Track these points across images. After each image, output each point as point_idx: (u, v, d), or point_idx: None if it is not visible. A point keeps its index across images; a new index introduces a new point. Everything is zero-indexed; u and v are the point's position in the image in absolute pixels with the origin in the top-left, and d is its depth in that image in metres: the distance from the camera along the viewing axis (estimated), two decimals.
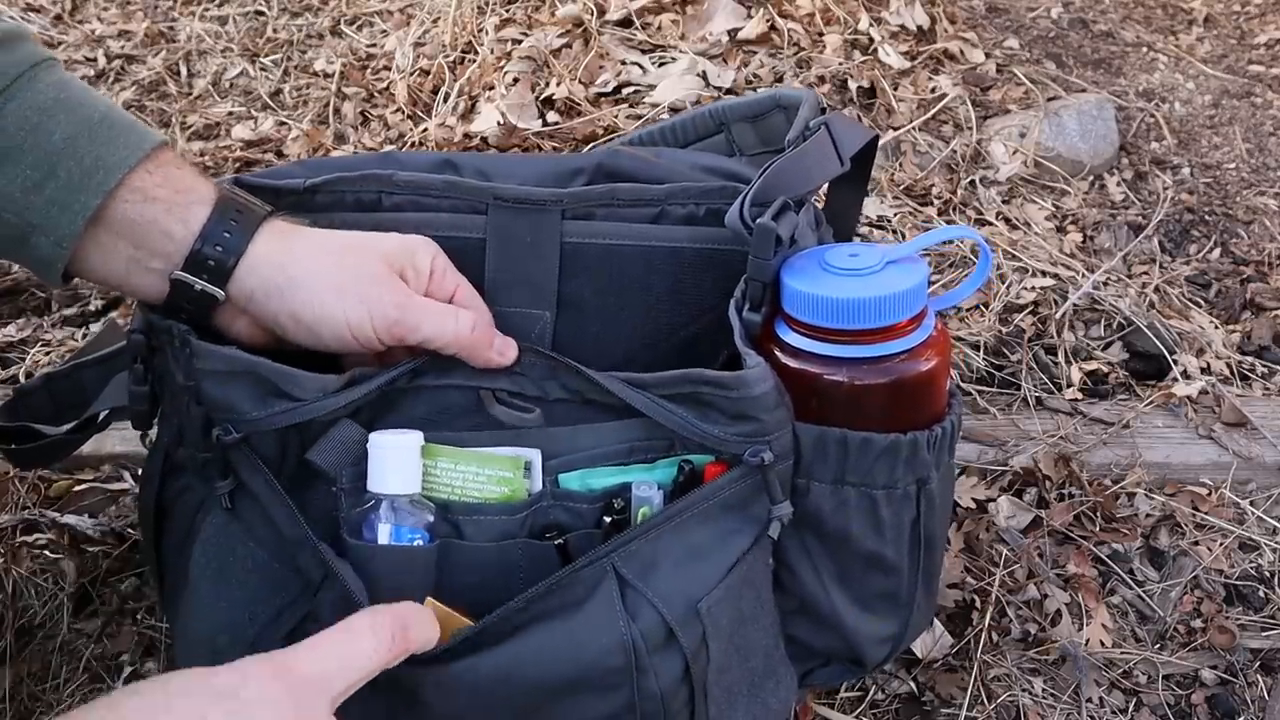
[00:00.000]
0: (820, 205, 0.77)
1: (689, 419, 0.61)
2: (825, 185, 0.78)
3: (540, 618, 0.60)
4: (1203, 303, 1.28)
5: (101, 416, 0.75)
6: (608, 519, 0.64)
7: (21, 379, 1.08)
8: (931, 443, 0.65)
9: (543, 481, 0.64)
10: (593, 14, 1.44)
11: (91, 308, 1.20)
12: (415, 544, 0.62)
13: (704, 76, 1.39)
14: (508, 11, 1.50)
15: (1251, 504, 1.00)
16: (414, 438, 0.62)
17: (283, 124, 1.49)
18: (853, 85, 1.42)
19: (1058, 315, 1.18)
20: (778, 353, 0.64)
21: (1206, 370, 1.14)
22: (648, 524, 0.61)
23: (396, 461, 0.61)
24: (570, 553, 0.64)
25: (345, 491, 0.62)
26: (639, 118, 1.34)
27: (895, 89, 1.44)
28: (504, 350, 0.64)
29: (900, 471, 0.65)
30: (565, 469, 0.65)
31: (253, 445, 0.62)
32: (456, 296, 0.66)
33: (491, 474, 0.64)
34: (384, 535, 0.61)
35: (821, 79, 1.42)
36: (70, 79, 0.62)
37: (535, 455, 0.64)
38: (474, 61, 1.45)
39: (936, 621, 0.86)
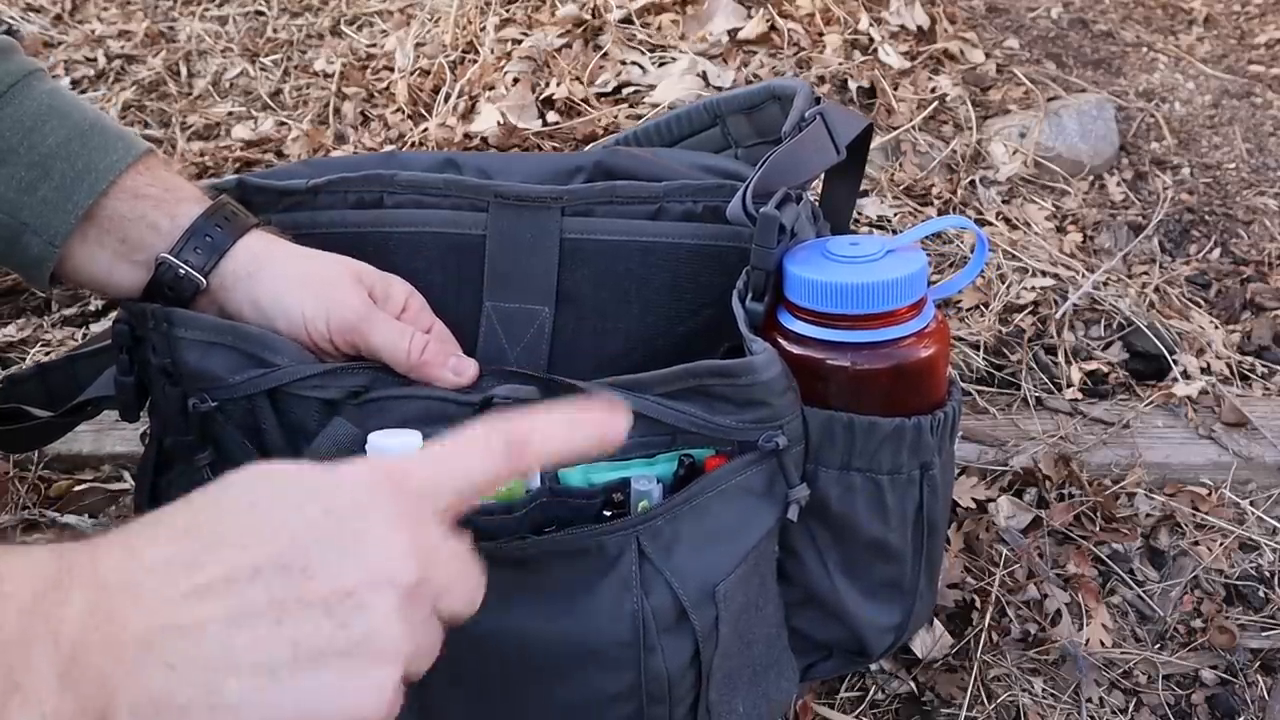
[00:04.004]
0: (815, 200, 0.77)
1: (696, 414, 0.61)
2: (821, 180, 0.78)
3: (561, 579, 0.60)
4: (1203, 303, 1.28)
5: (90, 408, 0.76)
6: (607, 514, 0.64)
7: None
8: (935, 427, 0.66)
9: (542, 479, 0.64)
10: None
11: (92, 308, 1.20)
12: None
13: (704, 76, 1.39)
14: (508, 11, 1.50)
15: (1251, 504, 1.00)
16: (413, 438, 0.61)
17: (283, 124, 1.49)
18: (853, 85, 1.42)
19: (1058, 315, 1.18)
20: (781, 341, 0.65)
21: (1206, 370, 1.14)
22: (670, 502, 0.61)
23: None
24: None
25: None
26: (639, 118, 1.34)
27: (895, 89, 1.44)
28: (460, 370, 0.63)
29: (905, 456, 0.66)
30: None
31: (227, 415, 0.62)
32: (430, 334, 0.66)
33: None
34: None
35: (821, 79, 1.42)
36: (61, 88, 0.64)
37: None
38: (474, 61, 1.45)
39: (936, 621, 0.86)
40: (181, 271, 0.62)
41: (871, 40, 1.48)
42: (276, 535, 0.39)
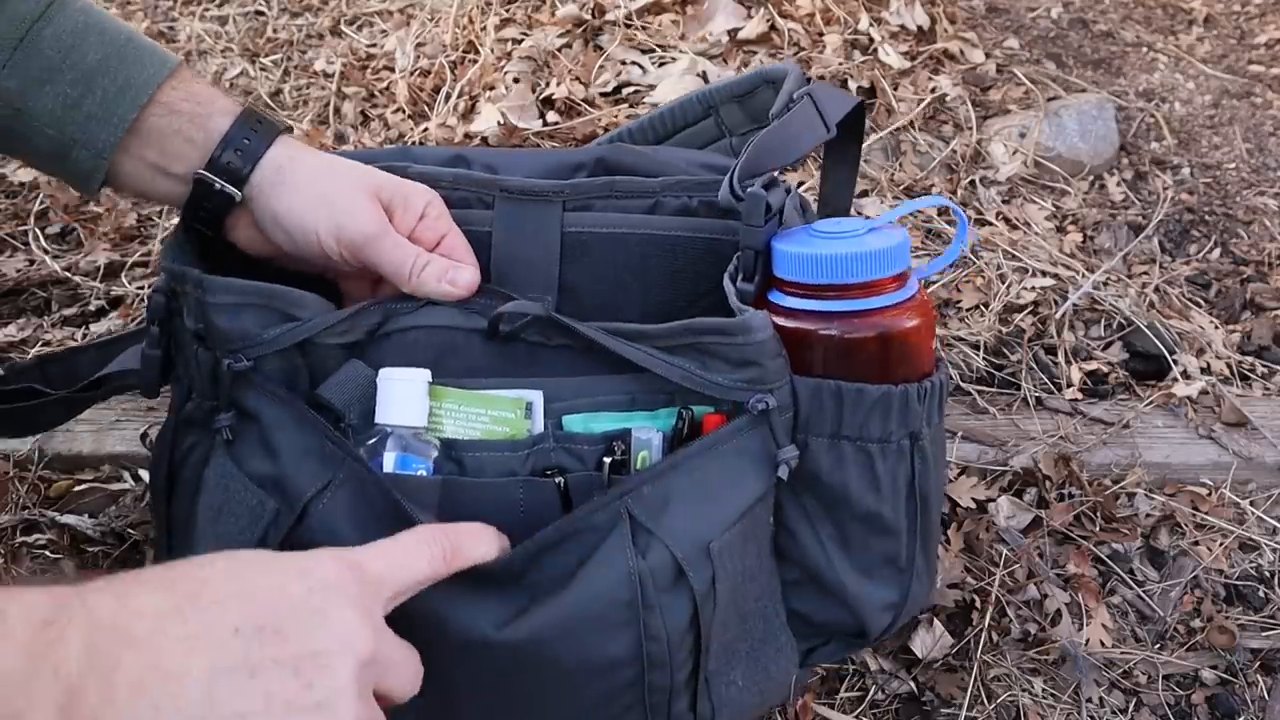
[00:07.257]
0: (814, 195, 0.78)
1: (690, 369, 0.64)
2: (819, 171, 0.79)
3: (558, 567, 0.61)
4: (1203, 303, 1.28)
5: (107, 384, 0.76)
6: (607, 460, 0.65)
7: None
8: (922, 395, 0.67)
9: (545, 424, 0.66)
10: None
11: (91, 307, 1.20)
12: (419, 474, 0.63)
13: (704, 76, 1.39)
14: (508, 11, 1.51)
15: (1251, 504, 1.00)
16: (422, 373, 0.65)
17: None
18: (853, 85, 1.42)
19: (1058, 315, 1.18)
20: (772, 317, 0.66)
21: (1206, 370, 1.14)
22: (657, 467, 0.63)
23: (404, 393, 0.64)
24: (570, 493, 0.65)
25: (354, 428, 0.64)
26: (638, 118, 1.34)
27: (895, 89, 1.44)
28: (455, 280, 0.66)
29: (894, 424, 0.67)
30: (569, 412, 0.66)
31: (261, 373, 0.64)
32: (443, 244, 0.69)
33: (495, 414, 0.66)
34: (389, 464, 0.63)
35: (821, 79, 1.42)
36: (90, 4, 0.67)
37: (537, 396, 0.66)
38: (474, 61, 1.46)
39: (936, 621, 0.86)
40: (217, 186, 0.66)
41: (871, 40, 1.48)
42: (255, 600, 0.46)
